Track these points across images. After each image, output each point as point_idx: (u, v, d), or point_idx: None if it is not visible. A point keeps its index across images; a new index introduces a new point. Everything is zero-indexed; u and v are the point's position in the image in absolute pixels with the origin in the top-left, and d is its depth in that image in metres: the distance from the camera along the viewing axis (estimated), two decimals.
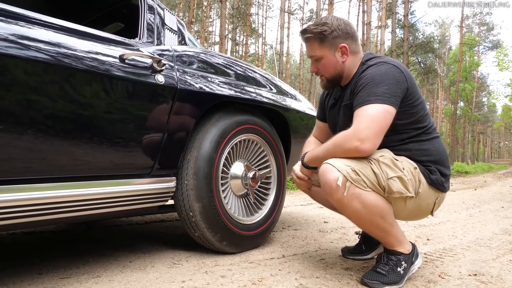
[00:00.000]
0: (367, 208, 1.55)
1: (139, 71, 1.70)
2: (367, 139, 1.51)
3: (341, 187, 1.52)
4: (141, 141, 1.73)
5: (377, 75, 1.61)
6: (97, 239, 2.53)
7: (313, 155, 1.74)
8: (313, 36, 1.74)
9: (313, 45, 1.75)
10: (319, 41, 1.74)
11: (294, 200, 5.15)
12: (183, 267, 1.85)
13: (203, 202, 1.93)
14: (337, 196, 1.54)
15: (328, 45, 1.73)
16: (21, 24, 1.36)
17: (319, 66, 1.78)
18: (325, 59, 1.75)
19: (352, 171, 1.52)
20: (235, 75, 2.25)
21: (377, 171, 1.54)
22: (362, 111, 1.56)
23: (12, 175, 1.35)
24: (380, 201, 1.56)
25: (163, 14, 2.09)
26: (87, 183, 1.57)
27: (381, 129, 1.54)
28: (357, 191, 1.53)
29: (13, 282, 1.60)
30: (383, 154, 1.60)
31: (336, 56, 1.75)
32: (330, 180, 1.53)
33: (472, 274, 1.82)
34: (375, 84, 1.58)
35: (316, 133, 2.12)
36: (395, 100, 1.57)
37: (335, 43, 1.73)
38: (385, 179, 1.54)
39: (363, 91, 1.61)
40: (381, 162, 1.56)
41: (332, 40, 1.73)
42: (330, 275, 1.75)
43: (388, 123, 1.56)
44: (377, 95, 1.56)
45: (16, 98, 1.30)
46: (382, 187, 1.55)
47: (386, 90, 1.56)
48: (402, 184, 1.55)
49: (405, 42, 18.80)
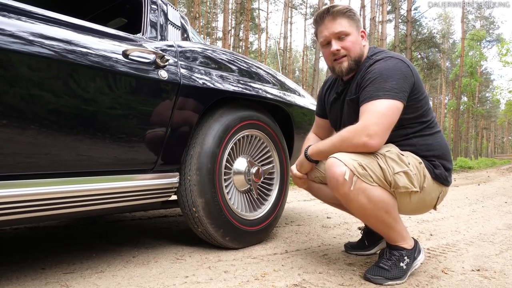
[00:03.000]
0: (373, 203, 1.55)
1: (142, 66, 1.70)
2: (376, 134, 1.51)
3: (348, 181, 1.51)
4: (144, 136, 1.73)
5: (385, 70, 1.61)
6: (101, 234, 2.54)
7: (318, 148, 1.73)
8: (343, 14, 1.71)
9: (342, 21, 1.71)
10: (348, 19, 1.72)
11: (297, 195, 5.15)
12: (186, 262, 1.86)
13: (206, 197, 1.93)
14: (344, 191, 1.54)
15: (355, 25, 1.73)
16: (24, 20, 1.36)
17: (346, 43, 1.72)
18: (352, 36, 1.72)
19: (359, 166, 1.52)
20: (238, 71, 2.25)
21: (384, 166, 1.54)
22: (370, 106, 1.56)
23: (16, 170, 1.36)
24: (385, 196, 1.56)
25: (167, 9, 2.08)
26: (91, 179, 1.58)
27: (389, 125, 1.54)
28: (363, 185, 1.53)
29: (17, 277, 1.61)
30: (390, 149, 1.60)
31: (359, 38, 1.75)
32: (337, 174, 1.53)
33: (475, 270, 1.82)
34: (384, 79, 1.58)
35: (316, 130, 2.11)
36: (403, 95, 1.57)
37: (359, 26, 1.75)
38: (391, 174, 1.54)
39: (371, 85, 1.60)
40: (387, 157, 1.56)
41: (357, 21, 1.74)
42: (333, 271, 1.76)
43: (396, 118, 1.56)
44: (385, 90, 1.55)
45: (19, 93, 1.30)
46: (388, 182, 1.55)
47: (395, 85, 1.56)
48: (408, 179, 1.55)
49: (408, 37, 18.72)
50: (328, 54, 1.77)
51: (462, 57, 29.18)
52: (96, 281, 1.58)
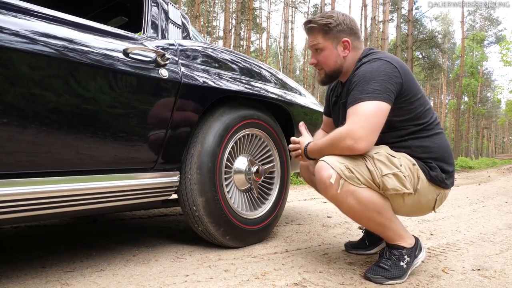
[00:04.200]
0: (362, 204, 1.55)
1: (143, 65, 1.70)
2: (361, 138, 1.51)
3: (334, 184, 1.53)
4: (145, 135, 1.73)
5: (368, 72, 1.61)
6: (101, 233, 2.54)
7: (315, 146, 1.73)
8: (318, 27, 1.73)
9: (316, 36, 1.75)
10: (323, 33, 1.73)
11: (298, 194, 5.15)
12: (186, 261, 1.86)
13: (207, 196, 1.93)
14: (331, 193, 1.56)
15: (332, 38, 1.73)
16: (24, 18, 1.36)
17: (320, 57, 1.77)
18: (326, 51, 1.75)
19: (346, 169, 1.53)
20: (238, 70, 2.25)
21: (372, 168, 1.55)
22: (354, 109, 1.56)
23: (16, 168, 1.36)
24: (375, 197, 1.56)
25: (167, 8, 2.08)
26: (91, 177, 1.58)
27: (374, 126, 1.53)
28: (351, 188, 1.54)
29: (17, 275, 1.61)
30: (379, 151, 1.60)
31: (337, 50, 1.75)
32: (324, 178, 1.55)
33: (476, 269, 1.82)
34: (366, 82, 1.58)
35: (324, 128, 2.14)
36: (388, 96, 1.55)
37: (339, 37, 1.73)
38: (379, 176, 1.54)
39: (355, 89, 1.60)
40: (375, 159, 1.57)
41: (336, 33, 1.73)
42: (333, 270, 1.76)
43: (382, 119, 1.55)
44: (367, 92, 1.55)
45: (20, 92, 1.30)
46: (376, 184, 1.55)
47: (377, 87, 1.55)
48: (398, 181, 1.55)
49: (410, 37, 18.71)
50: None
51: (462, 57, 29.16)
52: (97, 279, 1.58)
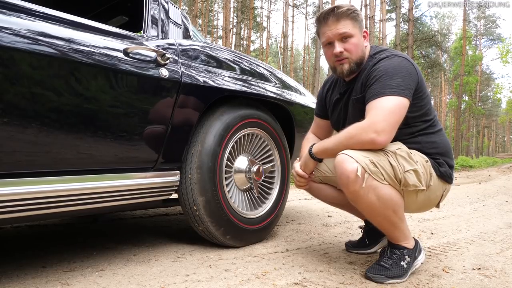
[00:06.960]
0: (382, 201, 1.54)
1: (143, 65, 1.70)
2: (383, 131, 1.51)
3: (360, 178, 1.50)
4: (145, 135, 1.73)
5: (391, 67, 1.61)
6: (101, 232, 2.54)
7: (323, 146, 1.72)
8: (347, 15, 1.69)
9: (345, 23, 1.69)
10: (352, 20, 1.70)
11: (298, 194, 5.15)
12: (187, 260, 1.86)
13: (207, 196, 1.93)
14: (354, 188, 1.52)
15: (358, 26, 1.72)
16: (25, 18, 1.36)
17: (349, 45, 1.70)
18: (355, 38, 1.71)
19: (370, 163, 1.52)
20: (239, 69, 2.25)
21: (394, 164, 1.54)
22: (377, 103, 1.55)
23: (16, 168, 1.36)
24: (394, 194, 1.56)
25: (168, 7, 2.08)
26: (91, 177, 1.58)
27: (396, 122, 1.54)
28: (374, 183, 1.52)
29: (17, 275, 1.61)
30: (400, 147, 1.60)
31: (362, 39, 1.74)
32: (348, 171, 1.51)
33: (476, 268, 1.82)
34: (389, 77, 1.58)
35: (315, 130, 2.10)
36: (409, 92, 1.57)
37: (362, 27, 1.74)
38: (402, 172, 1.54)
39: (377, 83, 1.60)
40: (398, 155, 1.56)
41: (360, 22, 1.73)
42: (333, 269, 1.76)
43: (403, 115, 1.56)
44: (392, 87, 1.55)
45: (21, 91, 1.30)
46: (398, 180, 1.55)
47: (401, 83, 1.56)
48: (417, 177, 1.56)
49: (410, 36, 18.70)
50: (330, 55, 1.76)
51: (463, 56, 29.12)
52: (97, 279, 1.58)
